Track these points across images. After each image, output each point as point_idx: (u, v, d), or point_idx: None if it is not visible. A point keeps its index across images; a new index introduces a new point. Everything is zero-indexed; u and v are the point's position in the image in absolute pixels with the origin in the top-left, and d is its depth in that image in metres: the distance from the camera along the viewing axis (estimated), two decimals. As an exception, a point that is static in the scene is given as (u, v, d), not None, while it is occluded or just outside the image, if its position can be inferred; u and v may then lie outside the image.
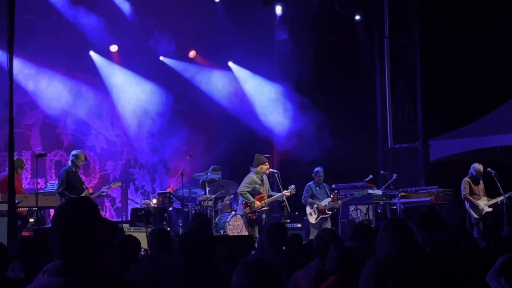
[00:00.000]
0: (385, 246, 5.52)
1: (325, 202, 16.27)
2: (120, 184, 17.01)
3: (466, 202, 16.04)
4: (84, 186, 14.58)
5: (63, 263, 3.29)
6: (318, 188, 16.48)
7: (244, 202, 14.68)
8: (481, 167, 16.06)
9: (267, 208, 14.83)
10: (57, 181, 14.72)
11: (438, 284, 5.30)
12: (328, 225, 15.93)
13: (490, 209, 15.92)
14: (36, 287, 3.31)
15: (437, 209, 15.17)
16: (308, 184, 16.57)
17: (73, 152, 14.78)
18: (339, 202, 16.54)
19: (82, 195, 14.04)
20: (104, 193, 15.81)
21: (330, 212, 16.35)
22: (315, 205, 16.21)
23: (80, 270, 3.26)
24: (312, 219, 16.23)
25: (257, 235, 14.18)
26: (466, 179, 16.09)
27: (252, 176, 14.80)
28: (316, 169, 16.63)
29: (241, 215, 14.99)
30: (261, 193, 14.70)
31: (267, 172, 15.01)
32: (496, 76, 20.04)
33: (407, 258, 5.33)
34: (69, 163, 14.59)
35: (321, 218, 16.18)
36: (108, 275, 3.32)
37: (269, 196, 15.06)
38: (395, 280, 5.16)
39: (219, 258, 6.39)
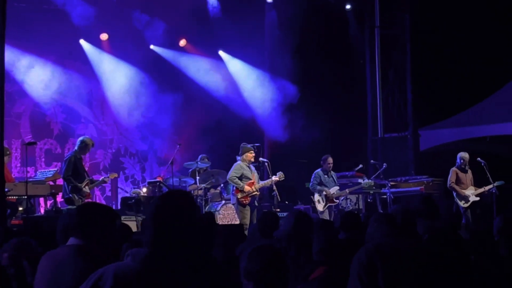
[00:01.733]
0: (375, 237, 5.55)
1: (333, 190, 16.19)
2: (116, 175, 16.84)
3: (453, 191, 16.07)
4: (86, 173, 14.29)
5: (149, 252, 3.33)
6: (326, 175, 16.36)
7: (235, 188, 14.67)
8: (466, 154, 16.06)
9: (257, 193, 14.78)
10: (63, 166, 14.16)
11: (431, 273, 5.31)
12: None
13: (477, 198, 15.94)
14: (116, 268, 3.34)
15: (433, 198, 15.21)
16: (316, 171, 16.45)
17: (81, 138, 14.25)
18: (346, 190, 16.53)
19: (84, 183, 13.82)
20: (106, 182, 15.62)
21: (338, 201, 16.31)
22: (324, 192, 16.11)
23: (161, 262, 3.30)
24: (320, 206, 16.14)
25: (248, 221, 14.19)
26: (454, 168, 16.11)
27: (239, 163, 14.79)
28: (324, 156, 16.44)
29: (233, 204, 14.98)
30: (251, 179, 14.69)
31: (252, 160, 14.94)
32: (486, 66, 20.08)
33: (399, 246, 5.35)
34: (76, 148, 14.06)
35: (329, 206, 16.12)
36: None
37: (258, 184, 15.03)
38: (386, 268, 5.17)
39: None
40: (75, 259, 4.55)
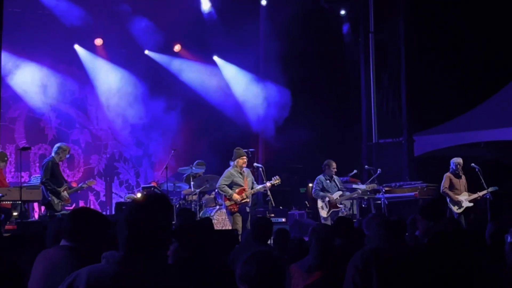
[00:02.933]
0: (375, 240, 5.56)
1: (336, 195, 15.97)
2: (94, 182, 16.86)
3: (446, 197, 16.05)
4: (64, 180, 14.54)
5: (123, 254, 3.37)
6: (328, 181, 16.11)
7: (224, 195, 14.65)
8: (460, 160, 16.04)
9: (248, 200, 14.69)
10: (40, 172, 14.57)
11: (426, 280, 5.30)
12: None
13: (471, 204, 15.92)
14: (90, 270, 3.38)
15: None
16: (318, 177, 16.15)
17: (58, 144, 14.65)
18: (352, 194, 16.36)
19: (62, 188, 14.04)
20: (84, 188, 15.76)
21: (342, 206, 16.12)
22: (327, 198, 15.90)
23: (135, 265, 3.33)
24: (324, 213, 15.89)
25: (240, 227, 14.14)
26: (447, 174, 16.08)
27: (230, 170, 14.72)
28: (326, 161, 16.16)
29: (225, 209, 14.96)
30: (242, 186, 14.62)
31: (244, 165, 14.87)
32: (481, 71, 20.11)
33: (394, 250, 5.35)
34: (53, 154, 14.42)
35: (333, 211, 15.87)
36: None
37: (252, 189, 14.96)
38: (380, 273, 5.17)
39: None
40: (69, 259, 4.59)
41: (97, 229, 4.79)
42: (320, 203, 16.02)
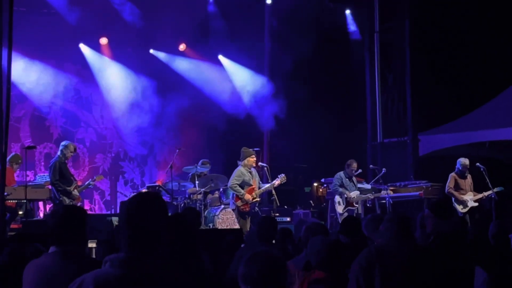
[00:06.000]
0: (386, 236, 5.56)
1: (354, 194, 16.18)
2: (102, 177, 16.95)
3: (451, 196, 16.03)
4: (72, 177, 14.53)
5: (125, 257, 3.36)
6: (348, 179, 16.32)
7: (235, 195, 14.66)
8: (466, 161, 16.03)
9: (258, 199, 14.80)
10: (48, 172, 14.54)
11: (430, 277, 5.30)
12: None
13: (476, 204, 15.91)
14: (96, 275, 3.36)
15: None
16: (338, 173, 16.42)
17: (63, 143, 14.64)
18: (369, 195, 16.48)
19: (72, 186, 14.03)
20: (91, 186, 15.81)
21: (357, 205, 16.26)
22: (345, 195, 16.09)
23: (140, 265, 3.32)
24: (340, 208, 16.13)
25: (248, 228, 14.19)
26: (453, 174, 16.08)
27: (240, 169, 14.76)
28: (349, 161, 16.35)
29: (233, 209, 14.97)
30: (251, 185, 14.67)
31: (254, 164, 14.94)
32: (486, 71, 20.06)
33: (400, 249, 5.34)
34: (59, 153, 14.41)
35: (348, 209, 16.07)
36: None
37: (260, 188, 14.99)
38: (384, 270, 5.17)
39: (206, 250, 6.40)
40: (62, 263, 4.55)
41: (84, 227, 4.77)
42: (337, 198, 16.28)
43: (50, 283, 4.50)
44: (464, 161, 16.01)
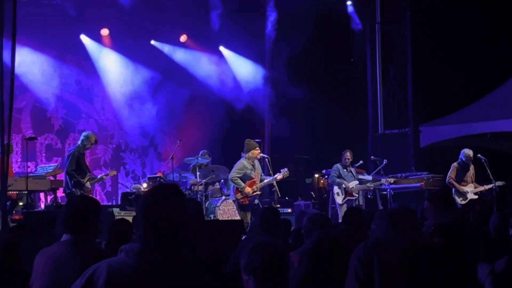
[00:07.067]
0: (377, 232, 5.54)
1: (352, 184, 16.32)
2: (115, 172, 16.96)
3: (452, 187, 15.96)
4: (87, 169, 14.31)
5: (141, 246, 3.35)
6: (345, 170, 16.48)
7: (235, 188, 14.64)
8: (471, 152, 15.92)
9: (259, 192, 14.78)
10: (66, 160, 14.15)
11: (430, 270, 5.28)
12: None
13: (476, 197, 15.84)
14: (110, 263, 3.36)
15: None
16: (335, 165, 16.61)
17: (85, 133, 14.37)
18: (367, 185, 16.62)
19: (86, 178, 13.89)
20: (104, 179, 15.77)
21: (357, 195, 16.41)
22: (343, 185, 16.24)
23: (155, 256, 3.32)
24: (339, 199, 16.29)
25: (249, 220, 14.18)
26: (455, 164, 15.99)
27: (242, 162, 14.73)
28: (344, 151, 16.57)
29: (233, 200, 14.96)
30: (253, 178, 14.64)
31: (258, 157, 14.94)
32: (487, 62, 20.05)
33: (398, 241, 5.33)
34: (79, 143, 14.13)
35: (348, 199, 16.20)
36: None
37: (261, 181, 14.95)
38: (382, 263, 5.16)
39: (209, 242, 6.40)
40: (74, 252, 4.57)
41: (98, 219, 4.82)
42: (336, 189, 16.43)
43: (61, 272, 4.53)
44: (468, 152, 15.89)
